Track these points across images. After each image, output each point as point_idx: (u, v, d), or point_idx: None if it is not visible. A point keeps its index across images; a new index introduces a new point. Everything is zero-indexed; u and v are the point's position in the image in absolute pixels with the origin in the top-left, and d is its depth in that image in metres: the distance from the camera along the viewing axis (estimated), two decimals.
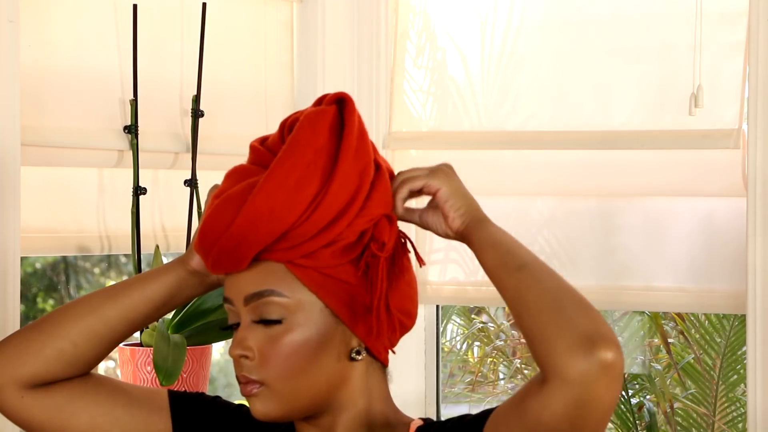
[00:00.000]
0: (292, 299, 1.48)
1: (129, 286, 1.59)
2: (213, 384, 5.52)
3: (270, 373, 1.48)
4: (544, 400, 1.34)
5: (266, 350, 1.48)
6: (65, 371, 1.56)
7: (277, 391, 1.48)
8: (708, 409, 4.12)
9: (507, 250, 1.50)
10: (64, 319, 1.57)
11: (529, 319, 1.39)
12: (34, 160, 2.26)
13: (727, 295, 2.68)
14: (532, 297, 1.41)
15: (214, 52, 2.59)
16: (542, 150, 2.81)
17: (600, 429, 1.36)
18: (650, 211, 2.77)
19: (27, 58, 2.22)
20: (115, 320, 1.57)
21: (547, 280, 1.43)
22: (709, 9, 2.64)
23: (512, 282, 1.44)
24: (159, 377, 2.18)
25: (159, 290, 1.58)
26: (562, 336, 1.35)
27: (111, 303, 1.57)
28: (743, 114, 2.63)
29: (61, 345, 1.55)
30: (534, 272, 1.45)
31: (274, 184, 1.46)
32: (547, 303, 1.39)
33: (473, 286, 2.92)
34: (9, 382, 1.55)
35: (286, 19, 2.84)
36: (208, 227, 1.49)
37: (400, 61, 2.94)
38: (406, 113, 2.93)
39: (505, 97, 2.85)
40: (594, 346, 1.33)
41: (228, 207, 1.48)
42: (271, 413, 1.49)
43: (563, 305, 1.38)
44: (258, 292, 1.49)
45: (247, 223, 1.46)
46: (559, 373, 1.33)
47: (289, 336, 1.48)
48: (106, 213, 2.44)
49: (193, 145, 2.49)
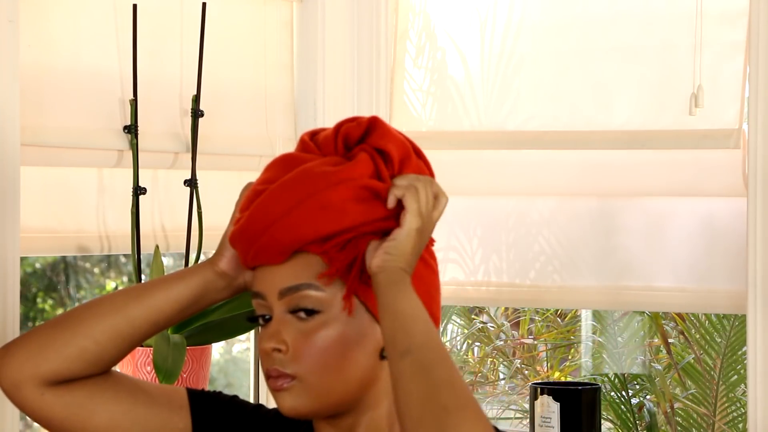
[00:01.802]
0: (328, 293, 1.47)
1: (154, 287, 1.57)
2: (213, 384, 5.52)
3: (303, 368, 1.46)
4: None
5: (300, 344, 1.46)
6: (86, 369, 1.55)
7: (310, 386, 1.47)
8: (708, 409, 4.12)
9: (401, 327, 1.38)
10: (87, 317, 1.55)
11: (400, 413, 1.34)
12: (34, 160, 2.25)
13: (728, 295, 2.68)
14: (405, 391, 1.34)
15: (214, 52, 2.59)
16: (542, 150, 2.81)
17: None
18: (650, 211, 2.77)
19: (27, 58, 2.22)
20: (139, 320, 1.55)
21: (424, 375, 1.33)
22: (709, 9, 2.64)
23: (394, 367, 1.37)
24: (159, 377, 2.18)
25: (184, 291, 1.56)
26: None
27: (136, 302, 1.55)
28: (743, 114, 2.63)
29: (84, 343, 1.54)
30: (415, 363, 1.34)
31: (350, 184, 1.45)
32: (414, 403, 1.32)
33: (473, 286, 2.92)
34: (29, 379, 1.53)
35: (286, 19, 2.84)
36: (260, 213, 1.47)
37: (400, 61, 2.94)
38: (406, 113, 2.93)
39: (505, 97, 2.85)
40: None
41: (284, 194, 1.46)
42: (301, 409, 1.48)
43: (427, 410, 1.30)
44: (295, 286, 1.47)
45: (309, 214, 1.44)
46: None
47: (324, 330, 1.46)
48: (106, 213, 2.44)
49: (193, 145, 2.49)
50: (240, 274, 1.58)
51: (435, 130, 2.91)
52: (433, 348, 1.36)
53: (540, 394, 2.59)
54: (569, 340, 4.79)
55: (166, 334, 2.26)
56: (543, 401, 2.59)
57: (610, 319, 4.51)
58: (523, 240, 2.87)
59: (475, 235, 2.91)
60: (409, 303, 1.40)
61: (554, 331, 4.78)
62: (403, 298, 1.41)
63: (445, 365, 1.34)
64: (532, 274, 2.86)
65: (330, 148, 1.53)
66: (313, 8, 2.82)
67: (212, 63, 2.57)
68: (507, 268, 2.88)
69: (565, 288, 2.82)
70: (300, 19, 2.84)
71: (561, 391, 2.59)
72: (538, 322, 4.75)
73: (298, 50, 2.84)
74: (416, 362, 1.34)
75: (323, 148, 1.53)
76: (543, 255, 2.85)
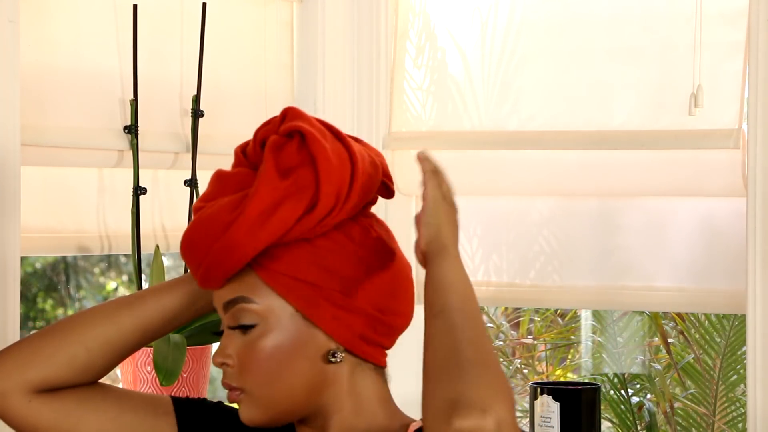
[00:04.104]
0: (261, 305, 1.49)
1: (144, 296, 1.59)
2: (213, 384, 5.52)
3: (248, 380, 1.49)
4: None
5: (244, 357, 1.49)
6: (75, 377, 1.56)
7: (257, 397, 1.50)
8: (708, 409, 4.12)
9: (437, 292, 1.43)
10: (78, 325, 1.57)
11: (424, 371, 1.37)
12: (34, 160, 2.25)
13: (727, 295, 2.68)
14: (432, 348, 1.37)
15: (214, 52, 2.59)
16: (542, 150, 2.81)
17: None
18: (650, 211, 2.77)
19: (27, 58, 2.22)
20: (129, 328, 1.57)
21: (452, 333, 1.37)
22: (709, 9, 2.64)
23: (427, 326, 1.40)
24: (159, 377, 2.18)
25: (173, 301, 1.59)
26: (432, 401, 1.32)
27: (126, 311, 1.58)
28: (743, 114, 2.63)
29: (75, 350, 1.55)
30: (446, 322, 1.38)
31: (255, 211, 1.46)
32: (438, 359, 1.35)
33: (473, 286, 2.92)
34: (17, 387, 1.54)
35: (286, 19, 2.84)
36: (189, 244, 1.51)
37: (400, 60, 2.94)
38: (406, 113, 2.93)
39: (506, 96, 2.85)
40: (452, 413, 1.28)
41: (208, 228, 1.49)
42: (255, 419, 1.51)
43: (448, 365, 1.33)
44: (231, 300, 1.50)
45: (231, 246, 1.47)
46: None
47: (261, 341, 1.49)
48: (106, 213, 2.44)
49: (193, 145, 2.49)
50: None
51: (435, 129, 2.91)
52: (465, 311, 1.40)
53: (540, 393, 2.59)
54: (569, 340, 4.79)
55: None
56: (543, 401, 2.59)
57: (610, 318, 4.51)
58: (522, 240, 2.87)
59: (474, 235, 2.91)
60: (453, 271, 1.44)
61: (554, 330, 4.78)
62: (446, 267, 1.44)
63: (473, 326, 1.38)
64: (532, 274, 2.86)
65: (256, 157, 1.54)
66: (313, 8, 2.82)
67: (212, 63, 2.57)
68: (507, 267, 2.88)
69: (564, 288, 2.82)
70: (300, 19, 2.84)
71: (561, 390, 2.59)
72: (537, 322, 4.75)
73: (298, 50, 2.84)
74: (447, 322, 1.38)
75: (251, 157, 1.55)
76: (543, 255, 2.85)
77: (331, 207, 1.48)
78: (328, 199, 1.47)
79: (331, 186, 1.48)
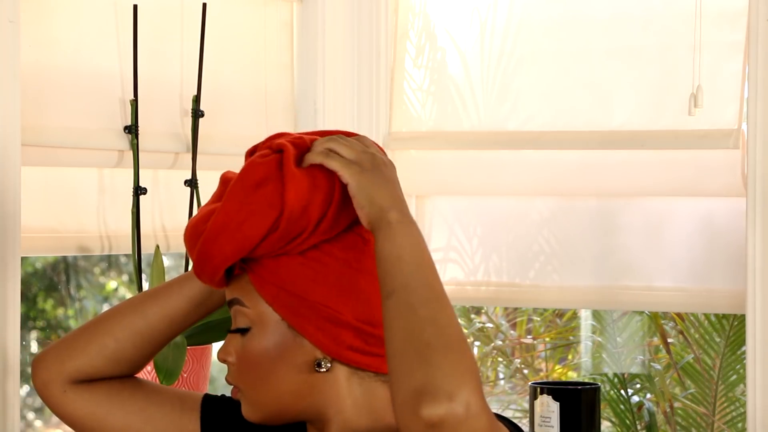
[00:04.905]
0: (253, 310, 1.50)
1: (169, 286, 1.64)
2: (213, 384, 5.51)
3: (242, 380, 1.53)
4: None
5: (240, 357, 1.52)
6: (108, 367, 1.63)
7: (248, 396, 1.53)
8: (707, 409, 4.12)
9: (385, 269, 1.36)
10: (108, 318, 1.63)
11: (387, 360, 1.33)
12: (34, 160, 2.26)
13: (727, 295, 2.68)
14: (389, 334, 1.33)
15: (214, 52, 2.59)
16: (542, 150, 2.82)
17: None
18: (650, 211, 2.77)
19: (27, 58, 2.22)
20: (155, 318, 1.62)
21: (402, 318, 1.32)
22: (708, 9, 2.64)
23: (383, 308, 1.36)
24: (159, 377, 2.18)
25: (196, 289, 1.62)
26: (397, 392, 1.29)
27: (151, 301, 1.63)
28: (743, 114, 2.63)
29: (104, 340, 1.62)
30: (397, 303, 1.33)
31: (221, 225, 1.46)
32: (395, 347, 1.31)
33: (473, 286, 2.92)
34: (56, 377, 1.62)
35: (286, 19, 2.84)
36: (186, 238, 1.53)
37: (400, 61, 2.94)
38: (406, 113, 2.93)
39: (505, 97, 2.85)
40: (419, 403, 1.26)
41: (192, 232, 1.51)
42: (251, 417, 1.54)
43: (408, 351, 1.29)
44: (230, 301, 1.53)
45: (207, 252, 1.48)
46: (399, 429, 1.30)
47: (251, 345, 1.51)
48: (107, 213, 2.44)
49: (193, 145, 2.49)
50: None
51: (435, 130, 2.92)
52: (417, 288, 1.34)
53: (539, 393, 2.60)
54: (568, 340, 4.79)
55: None
56: (542, 401, 2.59)
57: (610, 318, 4.51)
58: (522, 240, 2.88)
59: (474, 235, 2.91)
60: (394, 244, 1.37)
61: (553, 330, 4.78)
62: (385, 241, 1.38)
63: (430, 305, 1.32)
64: (532, 274, 2.86)
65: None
66: (313, 8, 2.82)
67: (212, 63, 2.57)
68: (507, 267, 2.88)
69: (564, 288, 2.82)
70: (300, 19, 2.84)
71: (560, 390, 2.59)
72: (536, 321, 4.75)
73: (298, 50, 2.84)
74: (399, 302, 1.33)
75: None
76: (542, 254, 2.85)
77: (299, 231, 1.45)
78: (293, 220, 1.44)
79: (296, 207, 1.43)
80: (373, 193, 1.41)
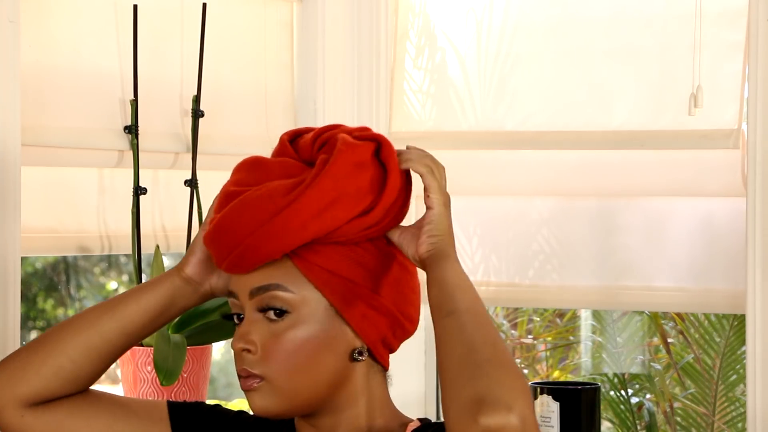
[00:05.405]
0: (297, 295, 1.48)
1: (125, 299, 1.59)
2: (213, 384, 5.52)
3: (272, 369, 1.48)
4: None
5: (269, 345, 1.48)
6: (64, 388, 1.56)
7: (278, 386, 1.48)
8: (707, 409, 4.12)
9: (447, 293, 1.45)
10: (61, 336, 1.57)
11: (442, 370, 1.38)
12: (34, 160, 2.26)
13: (727, 295, 2.68)
14: (444, 350, 1.39)
15: (214, 52, 2.59)
16: (541, 150, 2.82)
17: None
18: (650, 211, 2.77)
19: (27, 58, 2.22)
20: (111, 333, 1.57)
21: (467, 332, 1.39)
22: (708, 9, 2.64)
23: (438, 327, 1.42)
24: (159, 377, 2.18)
25: (154, 300, 1.58)
26: (453, 398, 1.34)
27: (107, 316, 1.57)
28: (743, 114, 2.63)
29: (60, 362, 1.55)
30: (458, 322, 1.40)
31: (313, 200, 1.46)
32: (453, 360, 1.37)
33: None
34: (9, 401, 1.55)
35: (286, 19, 2.84)
36: (230, 227, 1.48)
37: (400, 61, 2.94)
38: (406, 114, 2.93)
39: (503, 97, 2.85)
40: (478, 411, 1.30)
41: (256, 210, 1.47)
42: (270, 409, 1.49)
43: (466, 364, 1.35)
44: (264, 286, 1.49)
45: (278, 231, 1.46)
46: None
47: (292, 332, 1.48)
48: (107, 213, 2.44)
49: (193, 145, 2.49)
50: (206, 280, 1.59)
51: (434, 130, 2.92)
52: (476, 313, 1.42)
53: (540, 393, 2.60)
54: (568, 340, 4.79)
55: (167, 334, 2.27)
56: (543, 401, 2.59)
57: (610, 318, 4.51)
58: (522, 240, 2.88)
59: (474, 235, 2.91)
60: (456, 274, 1.46)
61: (553, 330, 4.78)
62: (450, 270, 1.46)
63: (485, 329, 1.40)
64: (531, 274, 2.86)
65: (309, 154, 1.54)
66: (313, 8, 2.82)
67: (212, 63, 2.57)
68: (506, 267, 2.88)
69: (564, 288, 2.82)
70: (300, 19, 2.84)
71: (561, 390, 2.60)
72: (536, 321, 4.76)
73: (298, 50, 2.84)
74: (459, 321, 1.40)
75: (302, 152, 1.55)
76: (542, 254, 2.85)
77: (380, 218, 1.50)
78: (382, 211, 1.49)
79: (390, 200, 1.50)
80: (446, 227, 1.51)
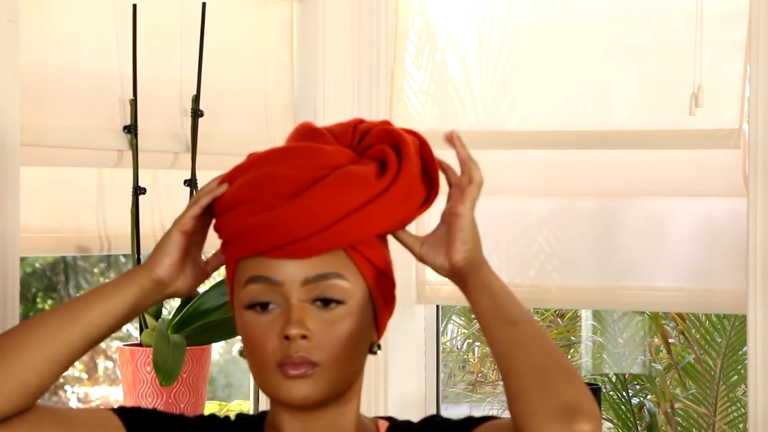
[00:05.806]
0: (353, 285, 1.51)
1: (87, 303, 1.51)
2: (213, 384, 5.52)
3: (326, 356, 1.48)
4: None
5: (325, 333, 1.49)
6: (28, 403, 1.47)
7: (330, 375, 1.49)
8: (708, 410, 4.12)
9: (503, 302, 1.48)
10: (23, 349, 1.47)
11: (513, 378, 1.40)
12: (33, 160, 2.25)
13: (728, 295, 2.68)
14: (520, 356, 1.41)
15: (214, 52, 2.59)
16: (542, 150, 2.81)
17: None
18: (650, 211, 2.77)
19: (27, 58, 2.22)
20: (77, 342, 1.49)
21: (536, 342, 1.43)
22: (709, 9, 2.64)
23: (503, 336, 1.44)
24: (159, 377, 2.17)
25: (120, 304, 1.52)
26: (543, 404, 1.36)
27: (71, 324, 1.49)
28: (744, 114, 2.63)
29: (24, 376, 1.46)
30: (525, 331, 1.44)
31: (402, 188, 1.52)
32: (533, 366, 1.40)
33: None
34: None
35: (286, 19, 2.83)
36: (310, 207, 1.48)
37: (400, 61, 2.94)
38: (406, 113, 2.93)
39: (504, 96, 2.85)
40: (573, 418, 1.34)
41: (348, 193, 1.49)
42: (314, 396, 1.49)
43: (548, 371, 1.39)
44: (323, 274, 1.49)
45: (356, 225, 1.49)
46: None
47: (345, 322, 1.50)
48: (106, 213, 2.44)
49: (192, 145, 2.49)
50: (174, 281, 1.56)
51: (434, 129, 2.91)
52: (533, 321, 1.46)
53: None
54: (569, 340, 4.79)
55: (166, 334, 2.26)
56: None
57: (610, 319, 4.51)
58: (522, 239, 2.87)
59: None
60: (498, 282, 1.50)
61: (554, 331, 4.78)
62: (491, 277, 1.51)
63: (543, 334, 1.44)
64: (532, 274, 2.86)
65: (346, 138, 1.57)
66: (313, 8, 2.82)
67: (212, 63, 2.57)
68: (507, 267, 2.88)
69: (564, 288, 2.82)
70: (300, 19, 2.84)
71: None
72: (537, 321, 4.76)
73: (298, 50, 2.84)
74: (526, 329, 1.43)
75: (341, 138, 1.57)
76: (542, 254, 2.85)
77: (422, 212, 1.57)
78: (430, 204, 1.57)
79: (437, 194, 1.58)
80: (477, 235, 1.56)
